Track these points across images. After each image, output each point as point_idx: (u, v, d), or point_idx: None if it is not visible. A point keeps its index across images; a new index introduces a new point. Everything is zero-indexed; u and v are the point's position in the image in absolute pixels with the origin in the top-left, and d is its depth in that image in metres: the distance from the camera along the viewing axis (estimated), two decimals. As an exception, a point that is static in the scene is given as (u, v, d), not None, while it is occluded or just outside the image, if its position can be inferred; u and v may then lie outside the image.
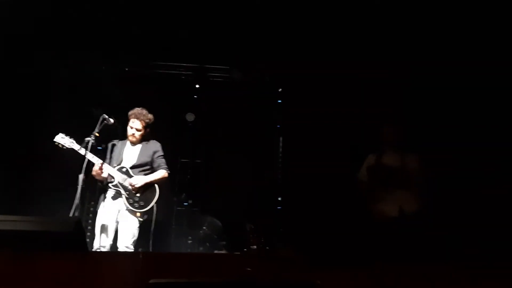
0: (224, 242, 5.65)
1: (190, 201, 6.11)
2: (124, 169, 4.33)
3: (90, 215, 4.51)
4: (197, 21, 5.59)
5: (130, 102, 4.63)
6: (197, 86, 6.43)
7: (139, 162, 4.38)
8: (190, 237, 5.79)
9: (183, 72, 6.31)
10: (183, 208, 6.12)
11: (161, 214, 4.65)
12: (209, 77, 6.38)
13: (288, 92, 6.31)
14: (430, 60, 5.34)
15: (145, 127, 4.44)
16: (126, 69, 6.17)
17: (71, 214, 3.79)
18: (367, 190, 4.42)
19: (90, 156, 4.12)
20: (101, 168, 4.19)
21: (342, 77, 5.70)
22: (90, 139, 4.09)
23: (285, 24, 5.57)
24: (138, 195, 4.27)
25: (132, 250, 4.17)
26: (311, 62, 5.80)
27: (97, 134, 4.14)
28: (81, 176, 3.94)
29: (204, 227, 5.72)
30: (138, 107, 4.49)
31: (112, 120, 4.26)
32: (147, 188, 4.31)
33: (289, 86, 6.25)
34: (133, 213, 4.24)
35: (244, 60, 6.10)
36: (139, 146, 4.48)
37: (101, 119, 4.20)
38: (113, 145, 4.42)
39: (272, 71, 6.20)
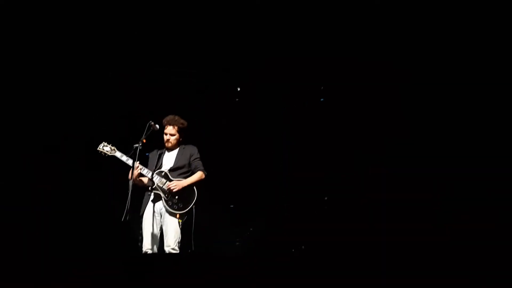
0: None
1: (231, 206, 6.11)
2: (162, 173, 4.52)
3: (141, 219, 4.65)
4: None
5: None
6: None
7: (177, 165, 4.57)
8: (237, 239, 5.85)
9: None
10: (228, 211, 6.09)
11: (206, 217, 4.90)
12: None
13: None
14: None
15: (178, 132, 4.62)
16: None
17: (123, 219, 4.03)
18: None
19: (125, 159, 4.44)
20: (137, 172, 4.37)
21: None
22: (138, 146, 4.28)
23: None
24: (176, 197, 4.44)
25: (177, 252, 4.35)
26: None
27: (144, 141, 4.35)
28: (131, 182, 4.25)
29: (251, 229, 5.80)
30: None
31: (158, 126, 4.49)
32: (186, 190, 4.48)
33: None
34: (173, 215, 4.41)
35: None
36: (176, 150, 4.68)
37: (147, 125, 4.40)
38: (153, 153, 4.66)
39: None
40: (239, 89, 6.29)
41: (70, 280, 2.83)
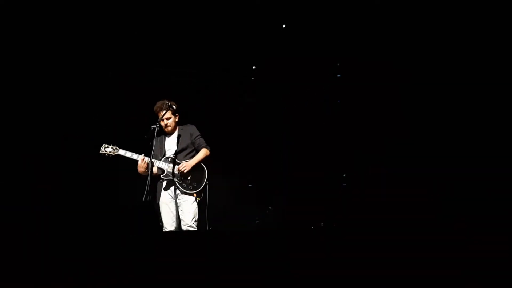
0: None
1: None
2: (169, 159, 4.56)
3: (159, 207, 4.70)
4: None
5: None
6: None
7: (181, 147, 4.60)
8: (257, 217, 5.89)
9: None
10: (248, 190, 6.15)
11: (225, 195, 5.20)
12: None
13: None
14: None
15: (173, 114, 4.64)
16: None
17: (143, 199, 4.12)
18: None
19: (129, 155, 4.47)
20: (144, 162, 4.39)
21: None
22: (156, 126, 4.37)
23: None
24: (189, 178, 4.51)
25: (195, 229, 4.43)
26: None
27: (161, 121, 4.49)
28: (149, 163, 4.33)
29: (270, 207, 5.83)
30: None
31: (174, 107, 4.56)
32: (196, 169, 4.54)
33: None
34: (190, 195, 4.49)
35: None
36: (175, 133, 4.70)
37: (165, 105, 4.50)
38: (155, 142, 4.57)
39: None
40: (254, 67, 6.23)
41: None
